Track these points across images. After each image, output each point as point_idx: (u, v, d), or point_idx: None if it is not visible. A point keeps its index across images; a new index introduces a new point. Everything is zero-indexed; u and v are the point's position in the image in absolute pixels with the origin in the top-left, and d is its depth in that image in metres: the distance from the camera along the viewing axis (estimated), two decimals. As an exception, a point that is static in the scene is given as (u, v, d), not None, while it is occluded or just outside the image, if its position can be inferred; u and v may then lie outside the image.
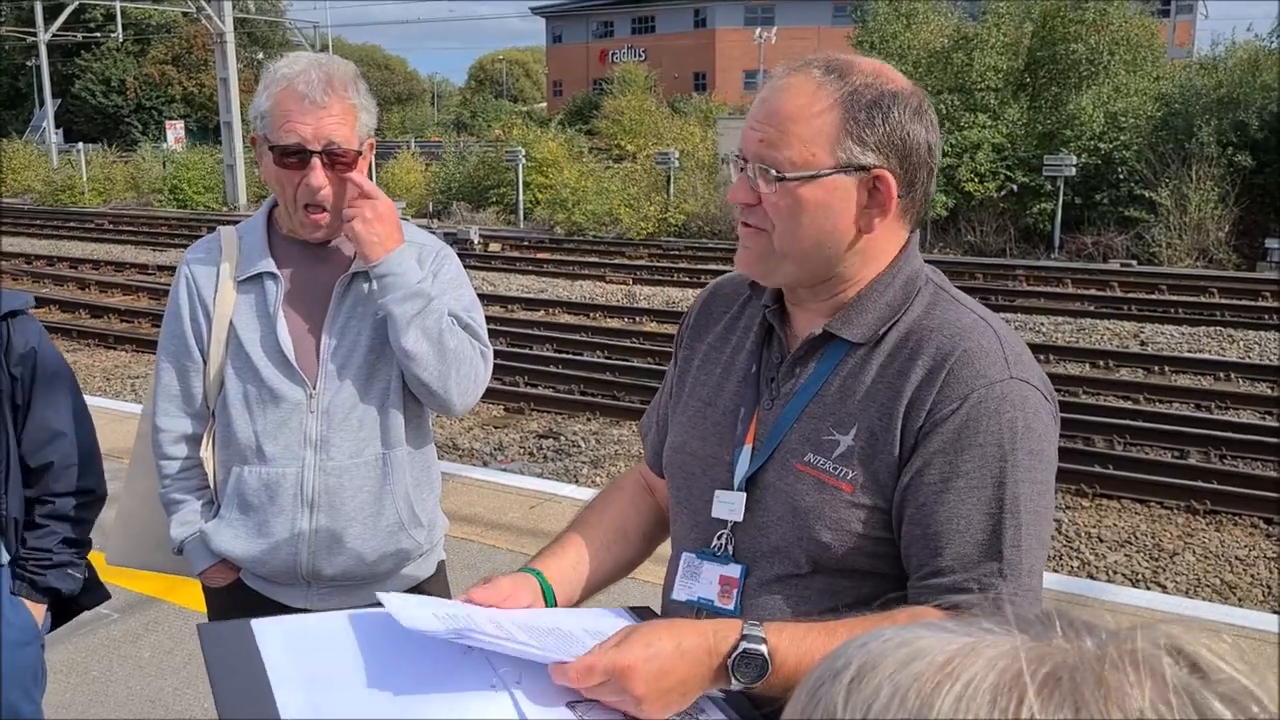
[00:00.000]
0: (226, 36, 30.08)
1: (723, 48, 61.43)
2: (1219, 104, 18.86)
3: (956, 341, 1.47)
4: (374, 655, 1.42)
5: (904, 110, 1.48)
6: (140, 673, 4.25)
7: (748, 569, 1.57)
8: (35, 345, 2.45)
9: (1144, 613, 4.64)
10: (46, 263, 20.02)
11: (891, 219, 1.51)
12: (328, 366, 2.37)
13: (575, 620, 1.57)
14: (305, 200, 2.30)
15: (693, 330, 1.80)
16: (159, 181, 32.99)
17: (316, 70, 2.26)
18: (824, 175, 1.46)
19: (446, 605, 1.51)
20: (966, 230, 19.96)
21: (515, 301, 15.49)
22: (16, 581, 2.46)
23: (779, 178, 1.46)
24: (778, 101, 1.49)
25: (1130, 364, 11.51)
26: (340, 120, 2.27)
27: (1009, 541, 1.41)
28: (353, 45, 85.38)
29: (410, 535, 2.48)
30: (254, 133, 2.38)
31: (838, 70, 1.48)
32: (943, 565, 1.42)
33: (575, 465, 8.51)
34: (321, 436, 2.38)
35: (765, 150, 1.48)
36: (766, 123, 1.49)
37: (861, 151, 1.46)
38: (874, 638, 0.59)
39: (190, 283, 2.45)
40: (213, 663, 1.40)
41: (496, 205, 26.69)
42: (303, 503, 2.39)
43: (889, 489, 1.47)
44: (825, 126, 1.46)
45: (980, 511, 1.42)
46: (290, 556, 2.41)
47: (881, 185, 1.47)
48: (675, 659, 1.35)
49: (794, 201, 1.47)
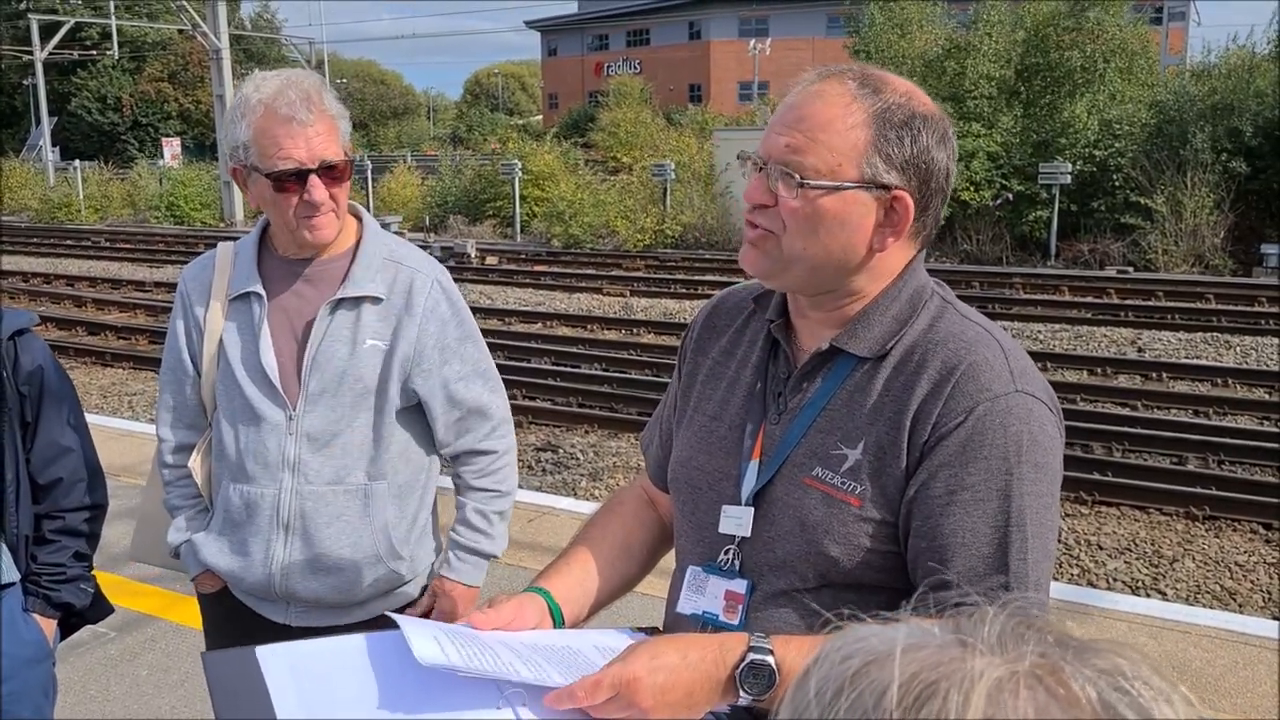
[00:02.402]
0: (222, 53, 30.11)
1: (717, 59, 61.59)
2: (1213, 110, 18.90)
3: (962, 355, 1.47)
4: (379, 678, 1.40)
5: (932, 134, 1.48)
6: (138, 690, 4.24)
7: (754, 584, 1.56)
8: (42, 363, 2.47)
9: (1143, 620, 4.64)
10: (43, 280, 20.00)
11: (903, 239, 1.51)
12: (309, 389, 2.37)
13: (584, 640, 1.56)
14: (306, 213, 2.31)
15: (696, 344, 1.79)
16: (155, 198, 32.97)
17: (293, 90, 2.25)
18: (846, 188, 1.45)
19: (456, 632, 1.48)
20: (963, 239, 19.98)
21: (512, 314, 15.48)
22: (29, 598, 2.46)
23: (801, 184, 1.45)
24: (810, 107, 1.47)
25: (1128, 371, 11.51)
26: (328, 135, 2.28)
27: (1015, 554, 1.41)
28: (348, 60, 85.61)
29: (388, 567, 2.48)
30: (234, 164, 2.35)
31: (872, 85, 1.48)
32: (949, 578, 1.42)
33: (573, 478, 8.50)
34: (300, 459, 2.38)
35: (790, 155, 1.47)
36: (795, 127, 1.47)
37: (886, 170, 1.46)
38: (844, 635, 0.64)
39: (185, 298, 2.49)
40: (217, 691, 1.38)
41: (493, 218, 26.70)
42: (278, 525, 2.40)
43: (896, 502, 1.47)
44: (855, 140, 1.45)
45: (986, 524, 1.42)
46: (264, 576, 2.43)
47: (899, 206, 1.47)
48: (681, 671, 1.34)
49: (812, 210, 1.46)
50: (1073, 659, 0.58)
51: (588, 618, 1.73)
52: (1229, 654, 4.31)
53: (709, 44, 62.41)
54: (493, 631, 1.52)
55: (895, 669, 0.58)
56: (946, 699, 0.56)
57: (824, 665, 0.62)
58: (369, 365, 2.37)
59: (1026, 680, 0.57)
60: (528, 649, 1.44)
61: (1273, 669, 4.19)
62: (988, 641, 0.60)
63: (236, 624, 2.54)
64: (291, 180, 2.26)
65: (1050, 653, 0.59)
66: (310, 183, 2.26)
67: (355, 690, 1.39)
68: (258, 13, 70.23)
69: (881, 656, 0.60)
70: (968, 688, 0.56)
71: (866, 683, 0.59)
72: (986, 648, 0.59)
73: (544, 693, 1.36)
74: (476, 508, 2.52)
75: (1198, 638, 4.45)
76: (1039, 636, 0.60)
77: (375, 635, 1.49)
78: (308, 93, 2.26)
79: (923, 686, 0.57)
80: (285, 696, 1.37)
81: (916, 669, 0.58)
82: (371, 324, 2.39)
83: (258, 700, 1.36)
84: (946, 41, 21.81)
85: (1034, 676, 0.57)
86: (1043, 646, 0.60)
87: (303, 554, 2.40)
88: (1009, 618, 0.62)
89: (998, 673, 0.57)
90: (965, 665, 0.58)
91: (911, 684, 0.57)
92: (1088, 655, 0.59)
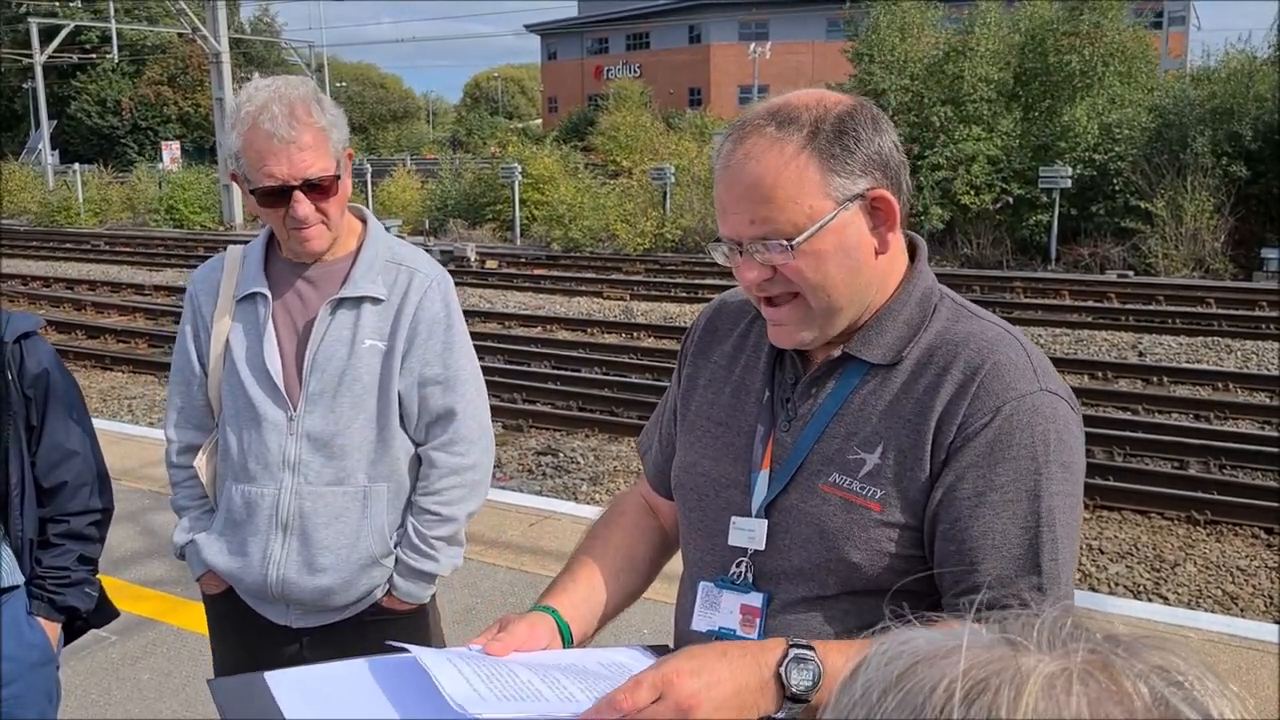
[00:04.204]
0: (222, 56, 30.12)
1: (717, 63, 61.59)
2: (1213, 115, 18.91)
3: (985, 355, 1.46)
4: (393, 701, 1.38)
5: (865, 125, 1.47)
6: (139, 695, 4.22)
7: (770, 596, 1.54)
8: (48, 366, 2.47)
9: (1145, 625, 4.63)
10: (43, 283, 20.00)
11: (897, 229, 1.51)
12: (309, 389, 2.37)
13: (596, 658, 1.53)
14: (294, 227, 2.32)
15: (697, 347, 1.77)
16: (155, 202, 32.97)
17: (278, 104, 2.24)
18: (830, 221, 1.44)
19: (471, 658, 1.44)
20: (963, 243, 19.99)
21: (512, 318, 15.47)
22: (34, 601, 2.46)
23: (789, 245, 1.43)
24: (750, 175, 1.44)
25: (1128, 375, 11.51)
26: (314, 150, 2.27)
27: (1047, 555, 1.41)
28: (348, 64, 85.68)
29: (384, 567, 2.48)
30: (231, 169, 2.38)
31: (785, 116, 1.45)
32: (980, 580, 1.40)
33: (574, 482, 8.49)
34: (300, 459, 2.38)
35: (762, 228, 1.44)
36: (748, 199, 1.45)
37: (851, 182, 1.44)
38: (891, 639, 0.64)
39: (194, 301, 2.52)
40: (228, 713, 1.36)
41: (493, 222, 26.70)
42: (277, 524, 2.41)
43: (920, 506, 1.45)
44: (808, 176, 1.43)
45: (1016, 525, 1.41)
46: (261, 576, 2.43)
47: (880, 203, 1.47)
48: (724, 669, 1.30)
49: (814, 258, 1.45)
50: (1124, 655, 0.58)
51: (596, 632, 1.71)
52: (1231, 658, 4.31)
53: (709, 47, 62.43)
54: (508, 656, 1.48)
55: (944, 668, 0.58)
56: (998, 695, 0.55)
57: (870, 668, 0.62)
58: (368, 365, 2.38)
59: (1079, 676, 0.56)
60: (545, 668, 1.42)
61: (1274, 673, 4.19)
62: (1036, 640, 0.60)
63: (239, 625, 2.55)
64: (275, 196, 2.28)
65: (1100, 649, 0.59)
66: (294, 199, 2.27)
67: (370, 712, 1.36)
68: (257, 16, 70.35)
69: (929, 656, 0.60)
70: (1019, 684, 0.56)
71: (914, 681, 0.58)
72: (1035, 646, 0.59)
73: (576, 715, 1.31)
74: (417, 529, 2.48)
75: (1199, 642, 4.44)
76: (1088, 634, 0.60)
77: (384, 660, 1.47)
78: (292, 106, 2.25)
79: (973, 684, 0.56)
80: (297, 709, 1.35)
81: (966, 667, 0.58)
82: (371, 324, 2.39)
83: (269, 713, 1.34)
84: (944, 45, 21.81)
85: (1086, 673, 0.57)
86: (1092, 643, 0.59)
87: (300, 554, 2.41)
88: (1056, 618, 0.62)
89: (1049, 669, 0.57)
90: (1016, 663, 0.57)
91: (962, 681, 0.57)
92: (1139, 651, 0.59)
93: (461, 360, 2.48)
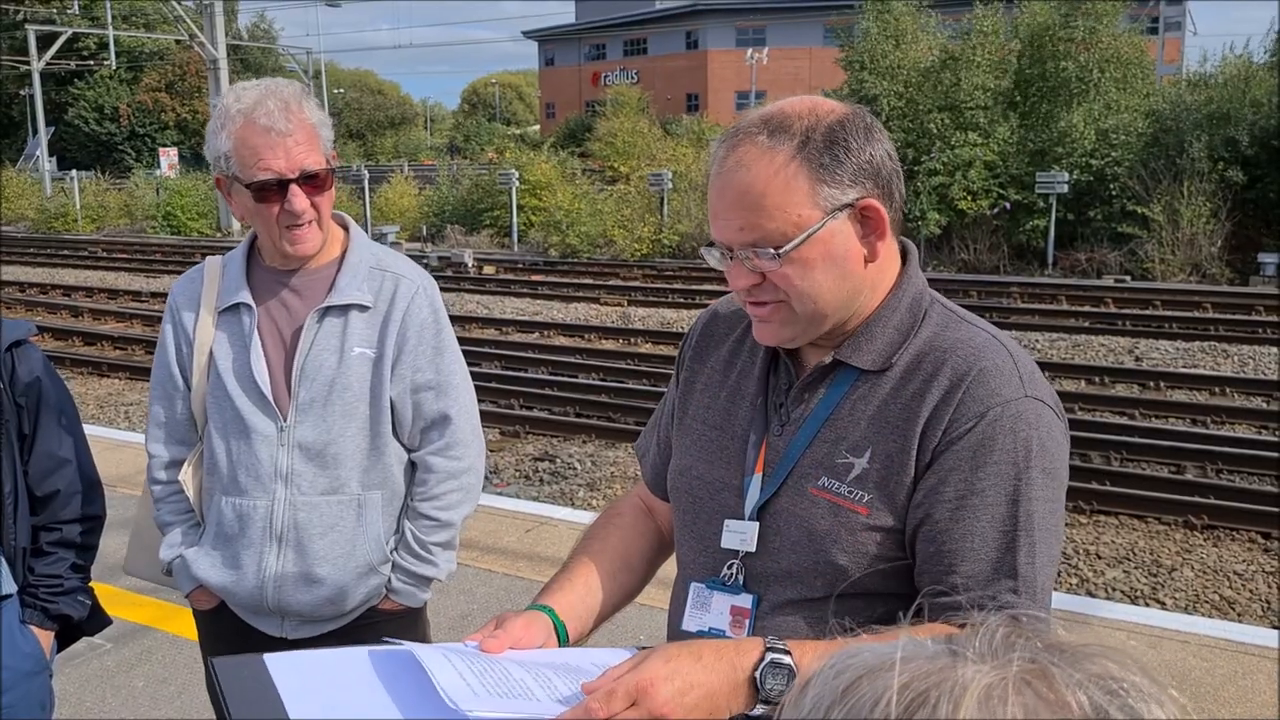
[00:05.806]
0: (220, 63, 30.17)
1: (714, 69, 61.68)
2: (1210, 120, 18.93)
3: (972, 361, 1.47)
4: (391, 691, 1.39)
5: (857, 135, 1.47)
6: (134, 703, 4.22)
7: (759, 597, 1.56)
8: (39, 374, 2.46)
9: (1142, 630, 4.63)
10: (40, 290, 19.99)
11: (888, 237, 1.51)
12: (299, 399, 2.36)
13: (590, 658, 1.54)
14: (288, 223, 2.31)
15: (695, 352, 1.79)
16: (152, 208, 32.95)
17: (272, 100, 2.25)
18: (817, 230, 1.45)
19: (466, 654, 1.45)
20: (960, 248, 20.00)
21: (510, 324, 15.48)
22: (27, 610, 2.45)
23: (776, 253, 1.45)
24: (739, 182, 1.46)
25: (1125, 380, 11.52)
26: (308, 145, 2.28)
27: (1024, 559, 1.42)
28: (346, 70, 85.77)
29: (381, 575, 2.47)
30: (217, 174, 2.35)
31: (777, 124, 1.46)
32: (957, 582, 1.42)
33: (571, 488, 8.48)
34: (292, 470, 2.37)
35: (751, 235, 1.46)
36: (738, 207, 1.46)
37: (840, 192, 1.45)
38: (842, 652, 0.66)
39: (174, 313, 2.48)
40: (230, 694, 1.37)
41: (490, 228, 26.71)
42: (271, 536, 2.39)
43: (904, 510, 1.47)
44: (798, 185, 1.44)
45: (995, 529, 1.42)
46: (256, 589, 2.41)
47: (870, 212, 1.47)
48: (698, 673, 1.31)
49: (801, 266, 1.46)
50: (1062, 663, 0.59)
51: (592, 631, 1.71)
52: (1228, 663, 4.31)
53: (706, 53, 62.52)
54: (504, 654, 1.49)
55: (886, 680, 0.59)
56: (936, 707, 0.57)
57: (819, 681, 0.63)
58: (358, 373, 2.37)
59: (1015, 685, 0.57)
60: (538, 666, 1.42)
61: (1272, 678, 4.19)
62: (978, 650, 0.61)
63: (233, 640, 2.52)
64: (272, 190, 2.26)
65: (1040, 658, 0.60)
66: (291, 192, 2.26)
67: (367, 699, 1.37)
68: (254, 23, 70.36)
69: (873, 670, 0.61)
70: (957, 695, 0.57)
71: (858, 696, 0.60)
72: (976, 656, 0.60)
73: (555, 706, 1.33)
74: (415, 535, 2.48)
75: (1197, 647, 4.45)
76: (1028, 643, 0.61)
77: (380, 651, 1.48)
78: (286, 102, 2.26)
79: (913, 696, 0.58)
80: (298, 699, 1.36)
81: (907, 679, 0.59)
82: (359, 331, 2.38)
83: (269, 703, 1.35)
84: (941, 52, 21.85)
85: (1023, 681, 0.58)
86: (1032, 652, 0.60)
87: (295, 565, 2.39)
88: (1001, 626, 0.63)
89: (986, 679, 0.58)
90: (955, 674, 0.58)
91: (902, 694, 0.58)
92: (1078, 659, 0.60)
93: (452, 364, 2.48)
